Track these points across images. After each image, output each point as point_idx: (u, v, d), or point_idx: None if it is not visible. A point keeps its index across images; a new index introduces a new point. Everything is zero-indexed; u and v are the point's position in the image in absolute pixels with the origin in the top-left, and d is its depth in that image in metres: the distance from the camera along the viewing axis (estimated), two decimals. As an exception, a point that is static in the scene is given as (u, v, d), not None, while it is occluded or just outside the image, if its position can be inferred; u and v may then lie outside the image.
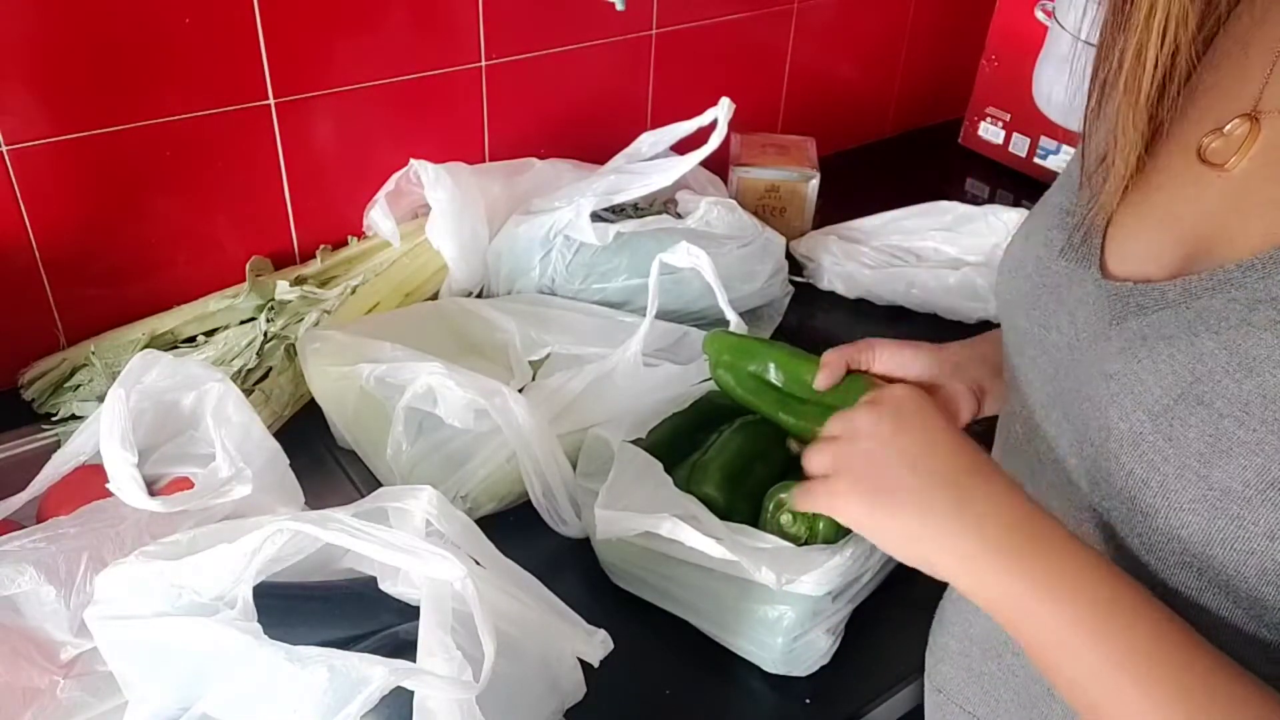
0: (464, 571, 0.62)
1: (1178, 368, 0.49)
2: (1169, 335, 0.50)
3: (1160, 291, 0.52)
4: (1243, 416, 0.46)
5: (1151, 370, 0.50)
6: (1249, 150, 0.51)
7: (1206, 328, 0.49)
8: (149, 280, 1.08)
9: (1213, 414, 0.47)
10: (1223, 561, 0.49)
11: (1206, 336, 0.49)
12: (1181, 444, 0.49)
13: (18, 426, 0.99)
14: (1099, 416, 0.53)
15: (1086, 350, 0.55)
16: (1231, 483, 0.47)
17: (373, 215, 1.17)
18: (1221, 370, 0.47)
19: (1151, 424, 0.50)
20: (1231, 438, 0.47)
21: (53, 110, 0.95)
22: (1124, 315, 0.54)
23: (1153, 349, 0.51)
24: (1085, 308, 0.56)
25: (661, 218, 1.14)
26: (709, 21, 1.37)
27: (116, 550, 0.74)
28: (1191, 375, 0.49)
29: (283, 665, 0.59)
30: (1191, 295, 0.50)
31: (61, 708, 0.71)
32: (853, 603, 0.83)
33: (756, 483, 0.84)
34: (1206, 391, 0.48)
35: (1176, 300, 0.51)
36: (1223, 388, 0.47)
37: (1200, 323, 0.49)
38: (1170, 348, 0.50)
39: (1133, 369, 0.52)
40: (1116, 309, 0.54)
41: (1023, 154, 1.55)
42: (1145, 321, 0.52)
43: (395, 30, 1.12)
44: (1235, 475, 0.47)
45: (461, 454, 0.91)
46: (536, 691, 0.71)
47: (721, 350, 0.83)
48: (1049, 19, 1.45)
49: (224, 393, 0.84)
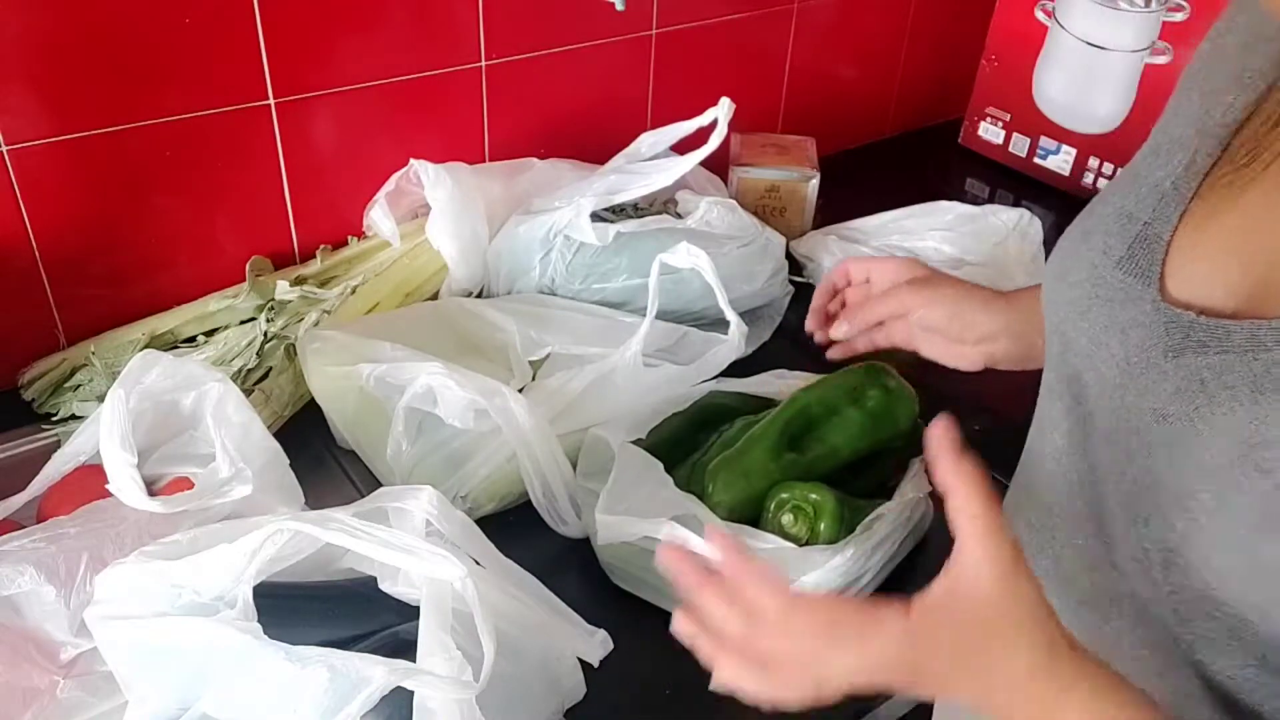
0: (464, 571, 0.62)
1: (1238, 425, 0.46)
2: (1231, 385, 0.47)
3: (1225, 331, 0.48)
4: None
5: (1208, 421, 0.47)
6: None
7: (1274, 385, 0.45)
8: (149, 280, 1.08)
9: (1270, 484, 0.44)
10: (1256, 629, 0.47)
11: (1273, 395, 0.45)
12: (1232, 509, 0.46)
13: (18, 426, 0.98)
14: (1145, 458, 0.50)
15: (1138, 378, 0.52)
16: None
17: (373, 215, 1.17)
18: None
19: (1201, 480, 0.47)
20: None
21: (53, 110, 0.95)
22: (1182, 349, 0.50)
23: (1212, 397, 0.47)
24: (1140, 330, 0.52)
25: (661, 218, 1.14)
26: (709, 21, 1.37)
27: (116, 550, 0.74)
28: (1253, 438, 0.45)
29: (283, 665, 0.60)
30: (1259, 345, 0.46)
31: (61, 708, 0.71)
32: (853, 603, 0.83)
33: (758, 481, 0.84)
34: (1267, 459, 0.44)
35: (1242, 346, 0.47)
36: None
37: (1267, 378, 0.45)
38: (1232, 401, 0.46)
39: (1188, 415, 0.48)
40: (1175, 339, 0.50)
41: (1023, 154, 1.55)
42: (1205, 363, 0.48)
43: (395, 30, 1.11)
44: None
45: (461, 454, 0.91)
46: (536, 691, 0.71)
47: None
48: (1049, 19, 1.45)
49: (224, 393, 0.84)
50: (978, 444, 0.76)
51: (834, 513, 0.79)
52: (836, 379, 0.90)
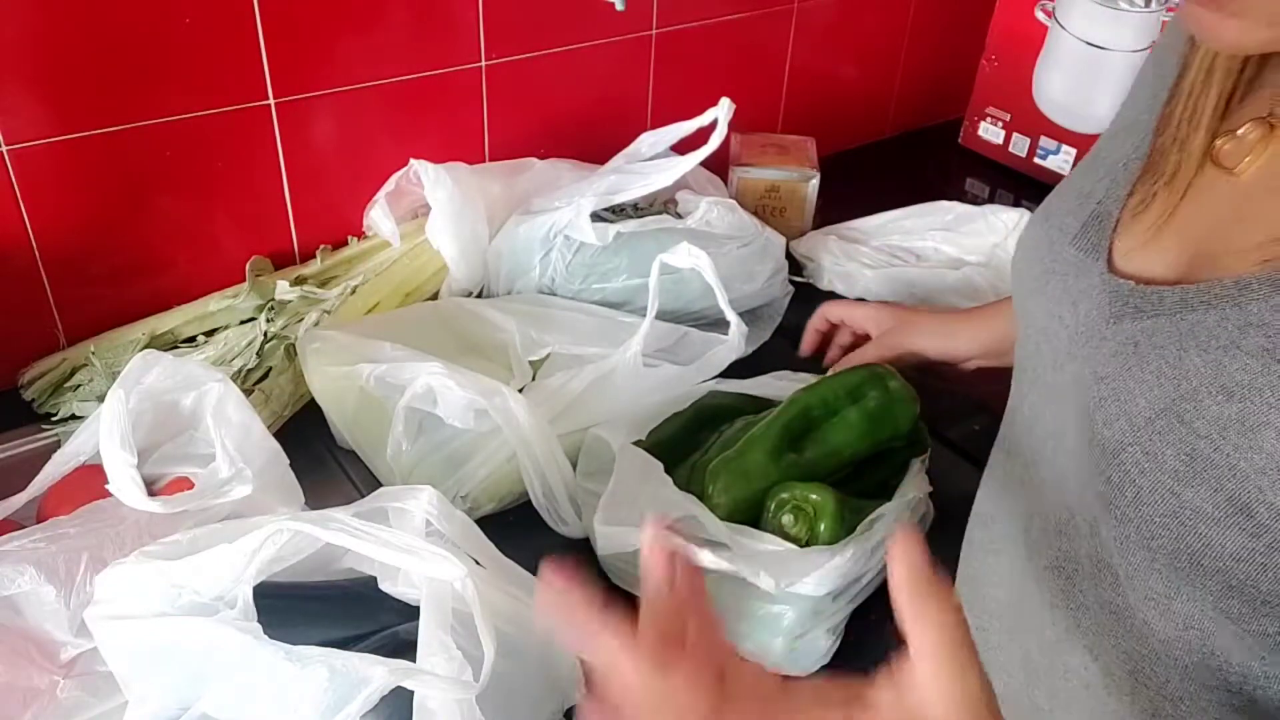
0: (464, 571, 0.62)
1: (1164, 381, 0.49)
2: (1160, 345, 0.50)
3: (1159, 296, 0.52)
4: (1219, 440, 0.46)
5: (1139, 379, 0.50)
6: (1260, 156, 0.50)
7: (1196, 344, 0.48)
8: (149, 280, 1.08)
9: (1191, 433, 0.47)
10: (1190, 574, 0.49)
11: (1195, 353, 0.48)
12: (1159, 459, 0.48)
13: (18, 426, 0.98)
14: (1087, 418, 0.53)
15: (1083, 346, 0.55)
16: (1202, 504, 0.47)
17: (373, 215, 1.17)
18: (1205, 390, 0.47)
19: (1132, 434, 0.50)
20: (1206, 460, 0.46)
21: (53, 110, 0.95)
22: (1121, 315, 0.53)
23: (1143, 357, 0.50)
24: (1087, 301, 0.56)
25: (661, 218, 1.14)
26: (709, 21, 1.37)
27: (116, 550, 0.74)
28: (1176, 391, 0.48)
29: (283, 665, 0.60)
30: (1187, 306, 0.50)
31: (61, 708, 0.71)
32: (853, 603, 0.83)
33: (758, 481, 0.84)
34: (1188, 410, 0.47)
35: (1172, 309, 0.50)
36: (1204, 408, 0.47)
37: (1190, 338, 0.49)
38: (1160, 359, 0.50)
39: (1121, 375, 0.51)
40: (1116, 307, 0.54)
41: (1023, 154, 1.55)
42: (1140, 326, 0.52)
43: (395, 30, 1.11)
44: (1207, 497, 0.47)
45: (461, 454, 0.91)
46: (536, 691, 0.71)
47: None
48: (1049, 19, 1.45)
49: (224, 393, 0.84)
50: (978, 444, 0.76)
51: (834, 513, 0.79)
52: (837, 379, 0.90)
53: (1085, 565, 0.57)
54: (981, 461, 0.74)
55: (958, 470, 0.96)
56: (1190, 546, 0.48)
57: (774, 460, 0.84)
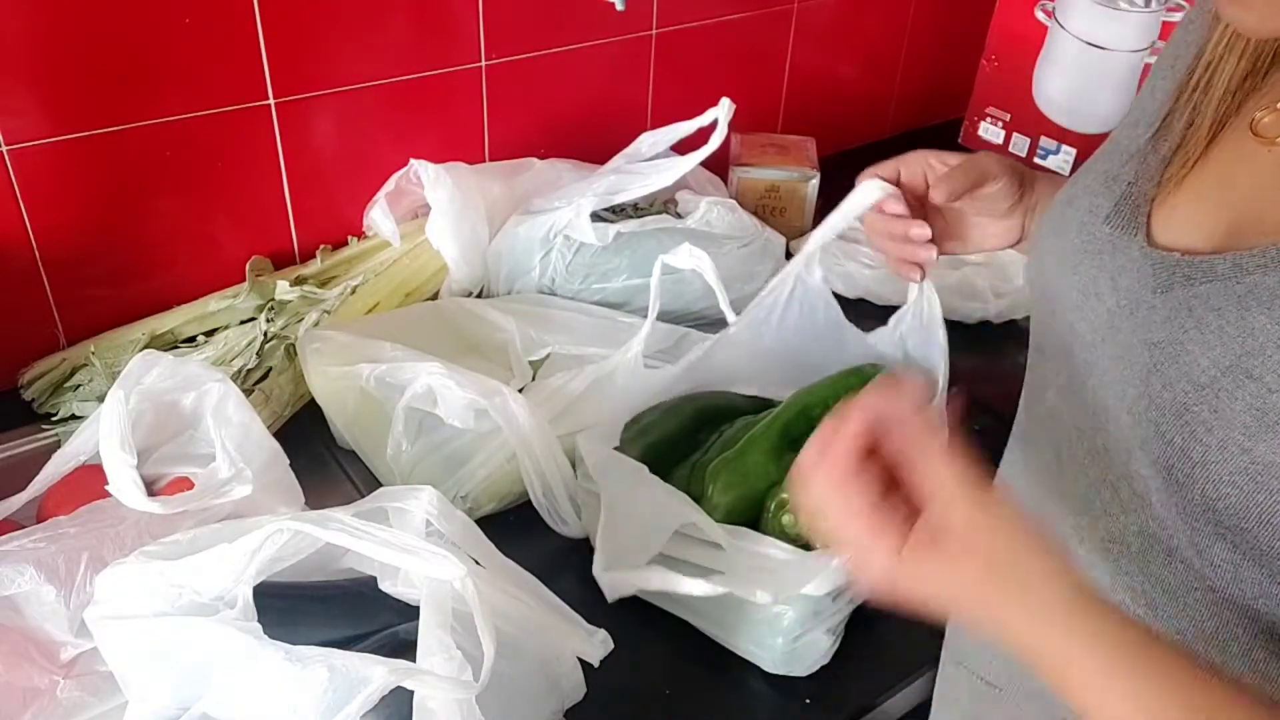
0: (464, 571, 0.62)
1: (1227, 340, 0.50)
2: (1218, 308, 0.51)
3: (1209, 264, 0.52)
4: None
5: (1199, 341, 0.51)
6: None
7: (1258, 303, 0.49)
8: (149, 280, 1.08)
9: (1262, 388, 0.48)
10: (1257, 536, 0.50)
11: (1258, 311, 0.49)
12: (1227, 416, 0.49)
13: (18, 426, 0.98)
14: (1141, 384, 0.54)
15: (1128, 318, 0.56)
16: (1275, 457, 0.48)
17: (373, 215, 1.17)
18: (1273, 345, 0.48)
19: (1196, 394, 0.50)
20: (1279, 411, 0.47)
21: (53, 110, 0.95)
22: (1170, 285, 0.54)
23: (1200, 320, 0.51)
24: (1128, 275, 0.56)
25: (661, 218, 1.14)
26: (709, 21, 1.37)
27: (116, 550, 0.74)
28: (1241, 349, 0.49)
29: (283, 665, 0.60)
30: (1242, 270, 0.51)
31: (61, 708, 0.71)
32: (853, 603, 0.83)
33: (758, 481, 0.84)
34: (1256, 366, 0.48)
35: (1226, 274, 0.51)
36: (1274, 362, 0.48)
37: (1251, 298, 0.50)
38: (1220, 320, 0.50)
39: (1178, 339, 0.52)
40: (1162, 278, 0.54)
41: (1023, 154, 1.55)
42: (1192, 293, 0.52)
43: (395, 30, 1.11)
44: (1279, 449, 0.47)
45: (461, 454, 0.91)
46: (536, 691, 0.71)
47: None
48: (1049, 19, 1.45)
49: (224, 393, 0.84)
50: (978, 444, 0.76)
51: (834, 513, 0.79)
52: (837, 379, 0.90)
53: (1133, 543, 0.58)
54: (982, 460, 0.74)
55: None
56: (1260, 504, 0.49)
57: (774, 460, 0.84)
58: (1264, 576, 0.51)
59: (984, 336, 1.23)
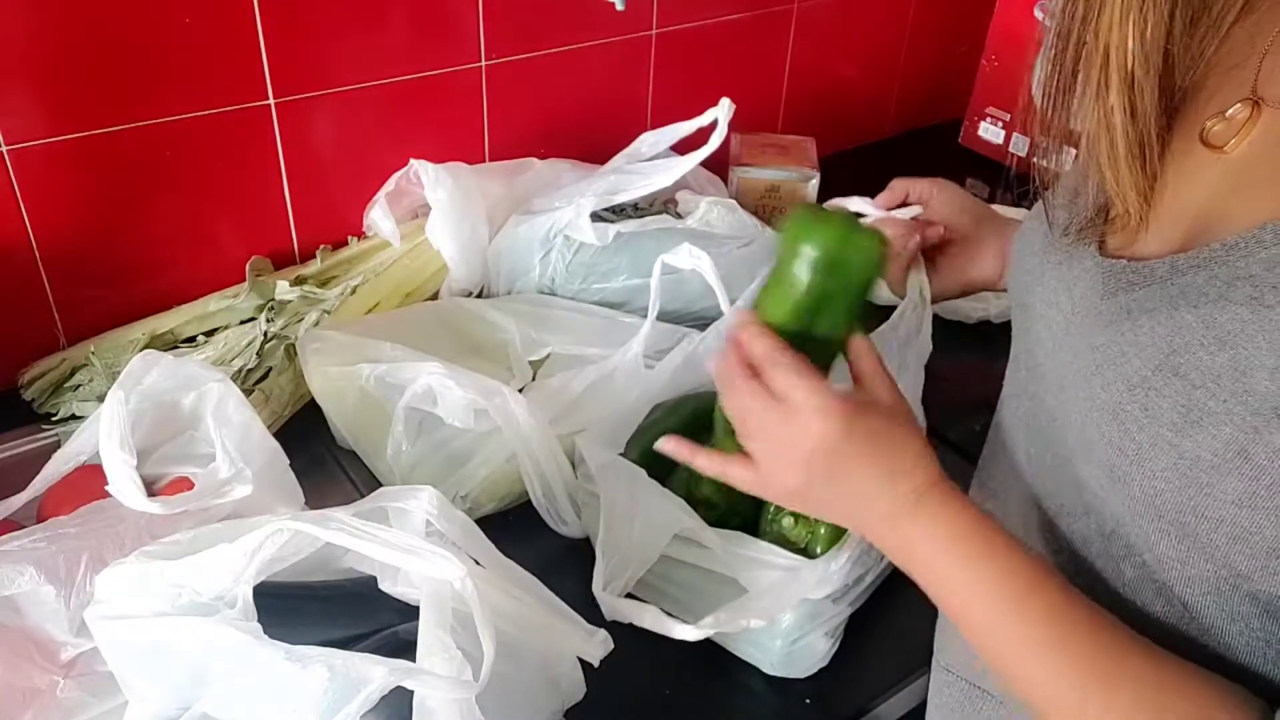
0: (464, 571, 0.62)
1: (1157, 340, 0.51)
2: (1151, 309, 0.52)
3: (1150, 269, 0.54)
4: (1214, 388, 0.48)
5: (1133, 342, 0.52)
6: (1248, 134, 0.52)
7: (1187, 302, 0.50)
8: (149, 280, 1.08)
9: (1186, 385, 0.49)
10: (1195, 529, 0.51)
11: (1186, 310, 0.50)
12: (1156, 413, 0.50)
13: (18, 426, 0.98)
14: (1085, 387, 0.55)
15: (1079, 324, 0.57)
16: (1201, 452, 0.49)
17: (373, 215, 1.17)
18: (1197, 343, 0.49)
19: (1129, 394, 0.52)
20: (1203, 408, 0.48)
21: (53, 110, 0.95)
22: (1115, 290, 0.55)
23: (1135, 322, 0.53)
24: (1082, 284, 0.58)
25: (661, 218, 1.14)
26: (709, 21, 1.37)
27: (116, 550, 0.74)
28: (1169, 347, 0.50)
29: (283, 665, 0.60)
30: (1177, 272, 0.52)
31: (61, 708, 0.71)
32: (852, 606, 0.83)
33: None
34: (1182, 363, 0.49)
35: (1164, 276, 0.53)
36: (1197, 359, 0.49)
37: (1182, 297, 0.51)
38: (1152, 321, 0.52)
39: (1116, 341, 0.53)
40: (1109, 284, 0.56)
41: (1023, 154, 1.55)
42: (1132, 297, 0.54)
43: (395, 30, 1.11)
44: (1205, 445, 0.48)
45: (461, 454, 0.91)
46: (536, 691, 0.71)
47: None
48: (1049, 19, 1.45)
49: (224, 393, 0.84)
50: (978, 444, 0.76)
51: (834, 514, 0.79)
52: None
53: (1095, 544, 0.58)
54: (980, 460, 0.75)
55: (958, 470, 0.95)
56: (1193, 499, 0.50)
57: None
58: (1211, 568, 0.52)
59: (984, 336, 1.23)
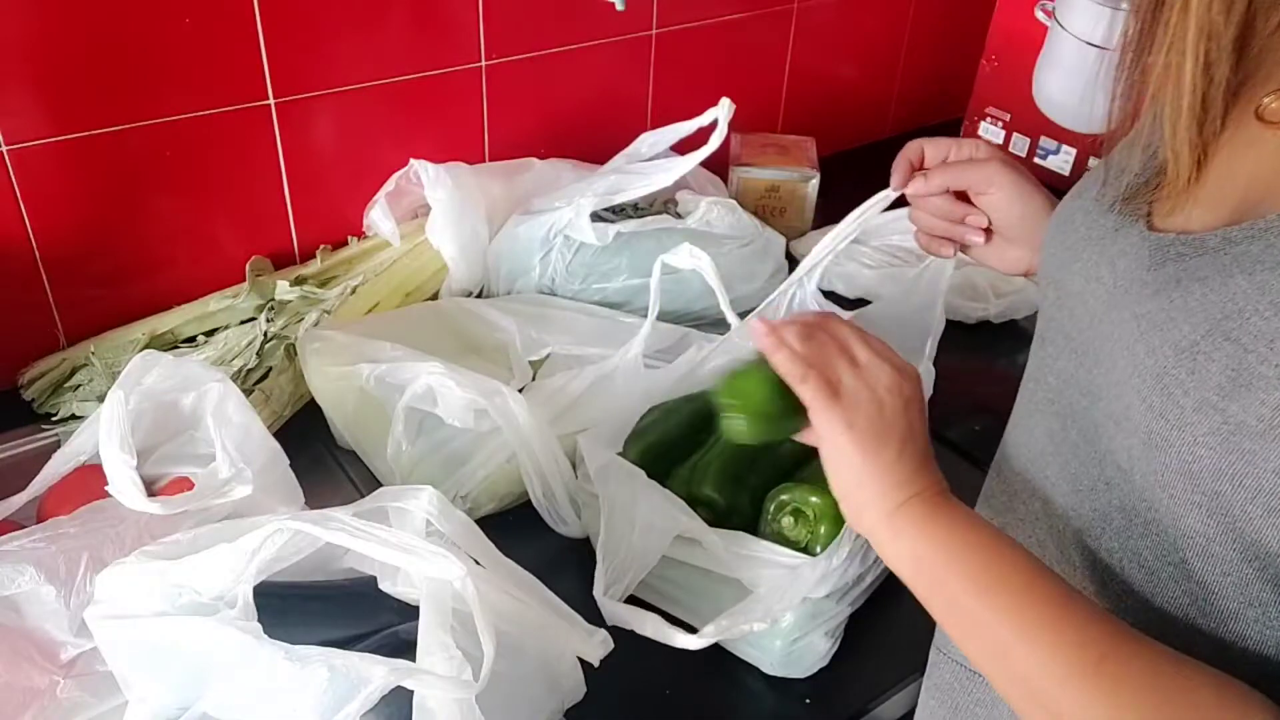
0: (464, 571, 0.62)
1: (1209, 305, 0.51)
2: (1203, 277, 0.52)
3: (1200, 241, 0.54)
4: (1266, 353, 0.47)
5: (1182, 308, 0.52)
6: None
7: (1241, 269, 0.50)
8: (149, 280, 1.08)
9: (1238, 349, 0.49)
10: (1231, 499, 0.50)
11: (1240, 277, 0.50)
12: (1204, 377, 0.50)
13: (18, 426, 0.99)
14: (1127, 354, 0.55)
15: (1123, 295, 0.57)
16: (1247, 417, 0.48)
17: (373, 215, 1.17)
18: (1252, 308, 0.49)
19: (1176, 358, 0.51)
20: (1253, 372, 0.48)
21: (53, 110, 0.95)
22: (1163, 262, 0.55)
23: (1185, 289, 0.52)
24: (1127, 257, 0.58)
25: (661, 218, 1.14)
26: (709, 21, 1.37)
27: (116, 550, 0.74)
28: (1221, 312, 0.50)
29: (283, 665, 0.60)
30: (1230, 243, 0.52)
31: (61, 708, 0.71)
32: (852, 605, 0.83)
33: (758, 482, 0.84)
34: (1235, 328, 0.49)
35: (1216, 248, 0.52)
36: (1251, 324, 0.48)
37: (1236, 265, 0.50)
38: (1204, 288, 0.51)
39: (1164, 308, 0.53)
40: (1157, 257, 0.56)
41: (1023, 154, 1.55)
42: (1182, 266, 0.54)
43: (395, 30, 1.12)
44: (1252, 410, 0.48)
45: (461, 454, 0.91)
46: (536, 691, 0.71)
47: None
48: (1049, 19, 1.45)
49: (224, 393, 0.84)
50: (978, 444, 0.76)
51: (834, 516, 0.79)
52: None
53: (1115, 519, 0.58)
54: (982, 461, 0.74)
55: (958, 470, 0.96)
56: (1233, 465, 0.49)
57: (774, 458, 0.84)
58: (1235, 551, 0.52)
59: (984, 336, 1.23)
